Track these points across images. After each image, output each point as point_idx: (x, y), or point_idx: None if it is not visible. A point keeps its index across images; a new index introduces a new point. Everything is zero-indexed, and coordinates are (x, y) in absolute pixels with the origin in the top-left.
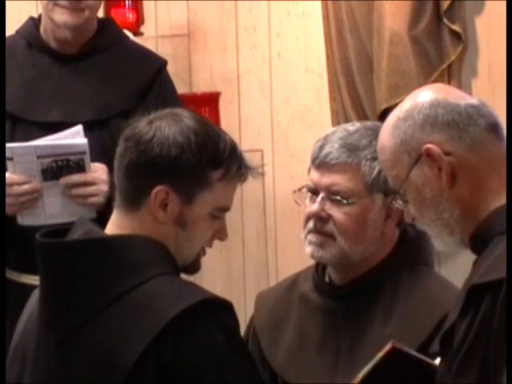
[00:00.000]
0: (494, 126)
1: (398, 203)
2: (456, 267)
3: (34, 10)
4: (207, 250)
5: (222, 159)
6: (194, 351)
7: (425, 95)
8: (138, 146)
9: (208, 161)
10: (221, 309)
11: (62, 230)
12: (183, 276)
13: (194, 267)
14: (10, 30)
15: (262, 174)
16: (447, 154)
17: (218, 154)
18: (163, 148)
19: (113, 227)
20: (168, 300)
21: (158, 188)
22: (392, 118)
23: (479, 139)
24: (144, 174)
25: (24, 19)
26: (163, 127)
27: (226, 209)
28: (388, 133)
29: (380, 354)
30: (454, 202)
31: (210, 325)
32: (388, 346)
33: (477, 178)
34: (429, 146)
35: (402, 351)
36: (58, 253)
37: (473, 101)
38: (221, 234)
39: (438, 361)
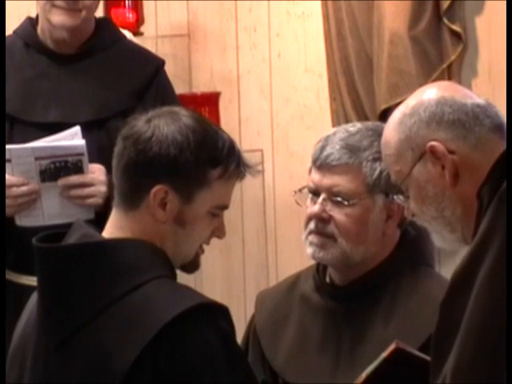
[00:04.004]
0: (499, 127)
1: (399, 199)
2: None
3: (34, 9)
4: (207, 250)
5: (220, 158)
6: (189, 355)
7: (432, 92)
8: (137, 145)
9: (207, 159)
10: (217, 313)
11: (58, 233)
12: (184, 276)
13: (193, 266)
14: (10, 29)
15: (262, 171)
16: (451, 152)
17: (216, 153)
18: (162, 147)
19: (111, 227)
20: (164, 303)
21: (157, 187)
22: (398, 113)
23: (484, 139)
24: (143, 173)
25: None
26: (162, 126)
27: (224, 207)
28: (393, 128)
29: (384, 354)
30: (456, 201)
31: (205, 329)
32: (392, 346)
33: (480, 177)
34: (433, 143)
35: (406, 351)
36: (54, 257)
37: (479, 100)
38: (219, 231)
39: None
